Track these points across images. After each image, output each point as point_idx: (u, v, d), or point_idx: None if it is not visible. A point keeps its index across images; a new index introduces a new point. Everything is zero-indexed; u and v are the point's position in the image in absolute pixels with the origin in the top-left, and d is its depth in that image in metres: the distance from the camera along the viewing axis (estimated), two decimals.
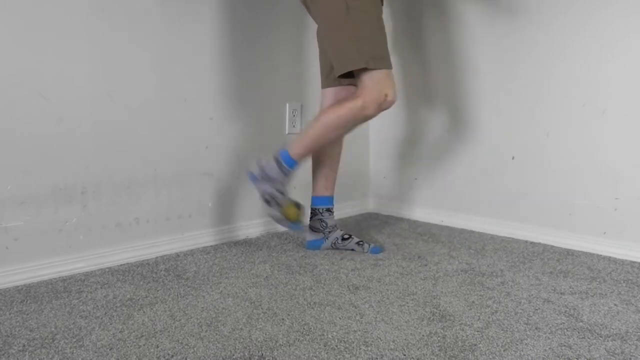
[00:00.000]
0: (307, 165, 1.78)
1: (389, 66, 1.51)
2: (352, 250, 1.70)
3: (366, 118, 1.53)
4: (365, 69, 1.47)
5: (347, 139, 1.92)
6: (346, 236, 1.71)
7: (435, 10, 2.08)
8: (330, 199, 1.74)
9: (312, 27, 2.05)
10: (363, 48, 1.46)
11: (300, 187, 2.05)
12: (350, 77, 1.53)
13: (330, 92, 1.70)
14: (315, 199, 1.74)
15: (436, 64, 2.09)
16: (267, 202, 1.55)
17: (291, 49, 2.01)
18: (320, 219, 1.71)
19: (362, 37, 1.47)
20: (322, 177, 1.74)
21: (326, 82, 1.71)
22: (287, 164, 1.54)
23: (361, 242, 1.69)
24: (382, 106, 1.50)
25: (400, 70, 2.23)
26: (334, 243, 1.70)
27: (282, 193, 1.54)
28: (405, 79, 2.22)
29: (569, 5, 1.72)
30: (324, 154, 1.73)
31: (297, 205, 1.58)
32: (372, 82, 1.48)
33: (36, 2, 1.38)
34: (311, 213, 1.73)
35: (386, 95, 1.49)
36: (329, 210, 1.73)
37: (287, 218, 1.56)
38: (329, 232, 1.71)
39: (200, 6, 1.71)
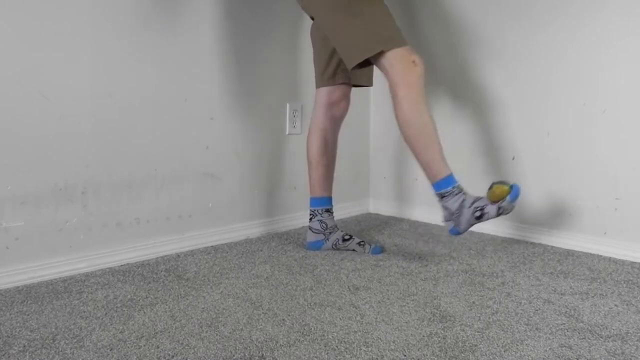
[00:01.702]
0: (304, 167, 1.78)
1: (404, 43, 1.47)
2: (353, 250, 1.69)
3: (418, 85, 1.45)
4: (382, 53, 1.44)
5: (347, 139, 1.94)
6: (347, 237, 1.71)
7: (434, 9, 2.08)
8: (329, 200, 1.74)
9: (309, 27, 2.05)
10: (375, 33, 1.45)
11: (300, 187, 2.05)
12: (365, 65, 1.50)
13: (324, 91, 1.71)
14: (313, 200, 1.74)
15: (436, 64, 2.09)
16: (480, 216, 1.41)
17: (292, 49, 2.01)
18: (320, 220, 1.71)
19: (370, 24, 1.45)
20: (320, 179, 1.74)
21: (320, 82, 1.72)
22: (449, 185, 1.45)
23: (362, 243, 1.69)
24: (417, 72, 1.44)
25: None
26: (335, 244, 1.70)
27: (476, 200, 1.43)
28: None
29: (569, 5, 1.72)
30: (320, 156, 1.73)
31: (492, 186, 1.44)
32: (395, 59, 1.44)
33: (36, 1, 1.37)
34: (310, 214, 1.73)
35: (414, 62, 1.45)
36: (328, 211, 1.73)
37: (501, 198, 1.40)
38: (330, 233, 1.71)
39: (200, 6, 1.71)
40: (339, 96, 1.73)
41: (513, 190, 1.40)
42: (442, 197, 1.46)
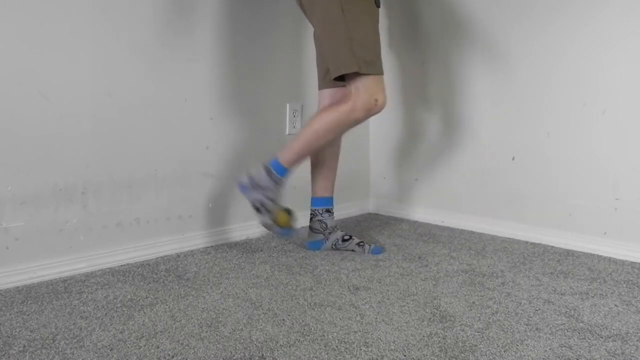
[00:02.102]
0: (306, 166, 1.78)
1: (380, 72, 1.51)
2: (353, 251, 1.69)
3: (355, 122, 1.54)
4: (357, 73, 1.47)
5: (347, 139, 1.93)
6: (347, 237, 1.71)
7: (434, 9, 2.08)
8: (329, 200, 1.74)
9: (312, 27, 2.05)
10: (356, 52, 1.46)
11: (300, 187, 2.05)
12: (344, 79, 1.53)
13: (327, 93, 1.71)
14: (314, 200, 1.74)
15: (435, 64, 2.09)
16: (257, 209, 1.56)
17: (292, 49, 2.01)
18: (320, 220, 1.71)
19: (355, 41, 1.47)
20: (321, 178, 1.74)
21: (323, 84, 1.71)
22: (278, 172, 1.55)
23: (362, 243, 1.69)
24: (372, 111, 1.51)
25: (398, 71, 2.23)
26: (335, 244, 1.70)
27: (272, 200, 1.55)
28: (405, 79, 2.22)
29: (569, 5, 1.72)
30: (322, 155, 1.73)
31: (288, 212, 1.59)
32: (364, 87, 1.49)
33: (36, 1, 1.37)
34: (311, 214, 1.73)
35: (376, 101, 1.49)
36: (329, 211, 1.73)
37: (278, 224, 1.57)
38: (329, 233, 1.71)
39: (200, 6, 1.71)
40: (342, 97, 1.72)
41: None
42: (266, 169, 1.55)
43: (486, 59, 1.94)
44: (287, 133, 2.01)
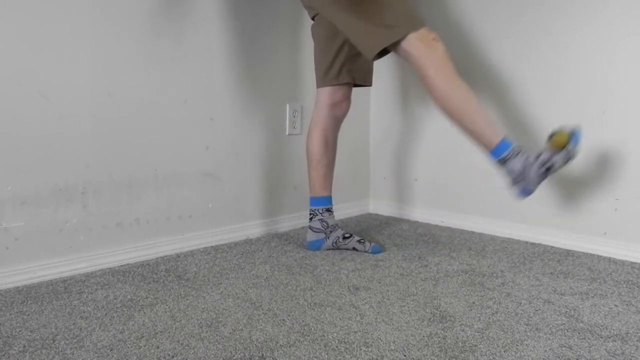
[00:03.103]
0: (303, 167, 1.78)
1: (421, 25, 1.46)
2: (354, 249, 1.70)
3: (445, 60, 1.44)
4: (402, 39, 1.43)
5: (347, 139, 1.94)
6: (347, 235, 1.71)
7: (435, 10, 2.08)
8: (329, 199, 1.74)
9: (310, 27, 2.05)
10: (392, 20, 1.45)
11: (300, 187, 2.05)
12: (383, 54, 1.50)
13: (327, 91, 1.71)
14: (314, 200, 1.74)
15: None
16: (547, 170, 1.39)
17: (292, 50, 2.01)
18: (321, 219, 1.71)
19: (386, 10, 1.45)
20: (320, 178, 1.74)
21: (323, 82, 1.71)
22: (505, 149, 1.42)
23: (362, 240, 1.70)
24: (441, 47, 1.44)
25: (399, 71, 2.23)
26: (335, 242, 1.70)
27: (540, 153, 1.40)
28: (405, 79, 2.22)
29: (570, 6, 1.72)
30: (321, 155, 1.72)
31: (552, 135, 1.42)
32: (417, 43, 1.44)
33: (36, 1, 1.37)
34: (310, 214, 1.73)
35: (434, 39, 1.45)
36: (329, 210, 1.73)
37: (563, 145, 1.38)
38: (330, 231, 1.71)
39: (200, 7, 1.71)
40: (341, 96, 1.73)
41: (574, 135, 1.38)
42: (503, 162, 1.43)
43: (486, 60, 1.94)
44: (287, 133, 2.01)
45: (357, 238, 1.71)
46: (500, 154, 1.42)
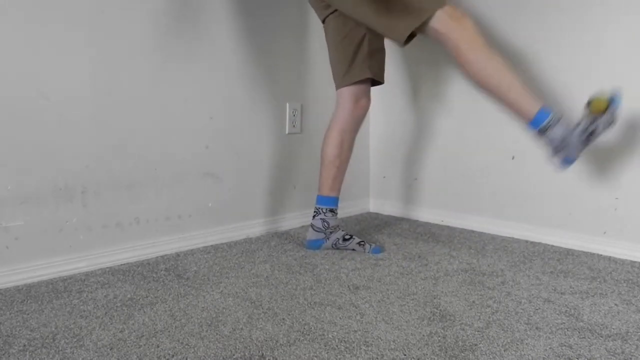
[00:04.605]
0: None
1: (444, 2, 1.46)
2: (353, 250, 1.69)
3: (476, 33, 1.44)
4: (428, 18, 1.44)
5: None
6: (347, 236, 1.71)
7: None
8: (335, 200, 1.73)
9: (313, 26, 2.05)
10: (415, 2, 1.45)
11: (300, 186, 2.05)
12: (411, 38, 1.50)
13: (347, 91, 1.69)
14: (320, 198, 1.73)
15: (436, 64, 2.09)
16: (590, 135, 1.37)
17: (291, 49, 2.01)
18: (323, 219, 1.71)
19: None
20: (329, 178, 1.72)
21: (343, 81, 1.69)
22: (545, 117, 1.40)
23: (362, 243, 1.69)
24: (469, 21, 1.45)
25: (399, 71, 2.23)
26: (335, 243, 1.70)
27: (581, 120, 1.39)
28: (406, 78, 2.22)
29: (570, 5, 1.72)
30: (335, 157, 1.71)
31: (590, 102, 1.40)
32: (446, 20, 1.44)
33: (36, 1, 1.37)
34: (314, 211, 1.73)
35: (462, 14, 1.45)
36: (332, 211, 1.72)
37: (603, 110, 1.37)
38: (331, 232, 1.71)
39: (200, 7, 1.71)
40: (362, 94, 1.71)
41: (614, 99, 1.37)
42: (543, 131, 1.41)
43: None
44: (286, 132, 2.01)
45: (357, 240, 1.70)
46: (539, 124, 1.41)
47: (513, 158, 1.90)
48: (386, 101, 2.29)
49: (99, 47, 1.50)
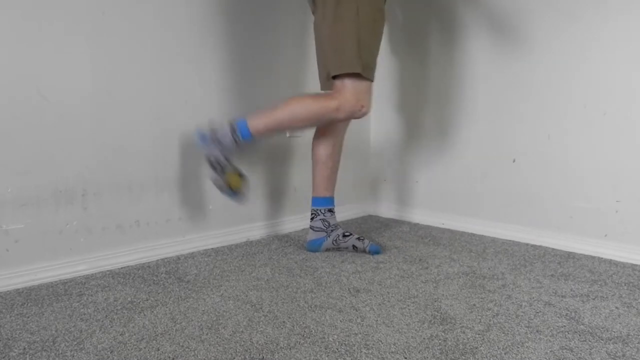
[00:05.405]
0: (304, 168, 1.78)
1: (373, 79, 1.54)
2: (353, 246, 1.70)
3: (335, 120, 1.56)
4: (352, 75, 1.48)
5: (348, 142, 1.93)
6: (347, 233, 1.71)
7: (435, 12, 2.08)
8: (331, 200, 1.74)
9: (312, 27, 2.05)
10: (362, 54, 1.48)
11: (300, 189, 2.05)
12: (335, 77, 1.53)
13: None
14: (316, 200, 1.74)
15: (436, 66, 2.09)
16: (212, 166, 1.52)
17: (291, 49, 2.01)
18: (323, 219, 1.71)
19: (363, 43, 1.48)
20: (323, 179, 1.74)
21: (327, 84, 1.71)
22: (242, 134, 1.52)
23: (361, 238, 1.71)
24: (355, 115, 1.53)
25: (399, 72, 2.23)
26: (335, 240, 1.71)
27: (228, 160, 1.52)
28: (405, 81, 2.22)
29: (570, 7, 1.72)
30: (327, 157, 1.72)
31: (241, 175, 1.58)
32: (355, 90, 1.50)
33: (36, 1, 1.38)
34: (312, 214, 1.73)
35: (362, 107, 1.52)
36: (331, 211, 1.73)
37: (229, 186, 1.54)
38: (332, 230, 1.71)
39: (200, 7, 1.72)
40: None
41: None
42: (231, 127, 1.51)
43: (487, 61, 1.94)
44: (287, 135, 2.01)
45: (356, 236, 1.71)
46: (243, 133, 1.52)
47: (514, 161, 1.89)
48: (387, 104, 2.29)
49: (99, 48, 1.50)
